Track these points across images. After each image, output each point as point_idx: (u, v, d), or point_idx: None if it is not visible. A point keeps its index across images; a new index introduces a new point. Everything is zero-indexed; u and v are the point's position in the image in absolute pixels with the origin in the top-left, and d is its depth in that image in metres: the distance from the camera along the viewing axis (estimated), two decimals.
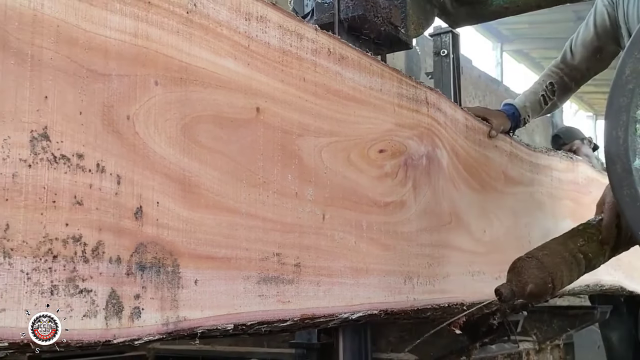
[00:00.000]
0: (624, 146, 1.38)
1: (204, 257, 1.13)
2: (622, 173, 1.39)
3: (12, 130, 0.87)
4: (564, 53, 2.54)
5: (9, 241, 0.85)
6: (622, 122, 1.38)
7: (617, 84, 1.40)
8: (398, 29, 2.01)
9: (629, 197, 1.38)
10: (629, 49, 1.40)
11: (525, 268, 1.58)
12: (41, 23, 0.92)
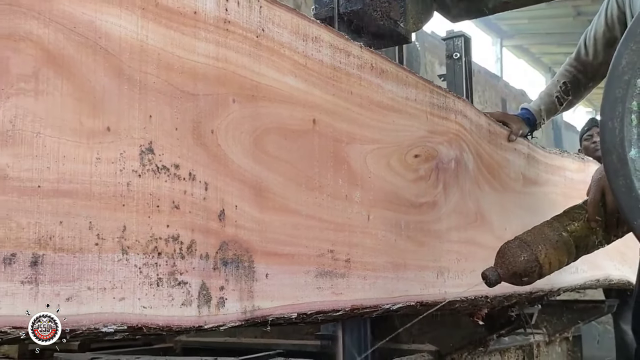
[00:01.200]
0: (620, 137, 1.38)
1: (272, 253, 1.27)
2: (617, 163, 1.39)
3: (126, 145, 1.02)
4: (578, 49, 2.56)
5: (126, 240, 1.00)
6: (618, 113, 1.38)
7: (613, 76, 1.41)
8: (397, 23, 2.03)
9: (625, 187, 1.38)
10: (625, 41, 1.40)
11: (508, 249, 1.61)
12: (146, 52, 1.06)
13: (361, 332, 2.52)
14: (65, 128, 0.94)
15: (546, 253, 1.61)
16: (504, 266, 1.58)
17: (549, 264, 1.62)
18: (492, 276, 1.58)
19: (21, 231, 0.87)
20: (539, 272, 1.60)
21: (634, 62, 1.37)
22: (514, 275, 1.58)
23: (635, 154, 1.37)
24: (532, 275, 1.61)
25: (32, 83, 0.90)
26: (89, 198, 0.96)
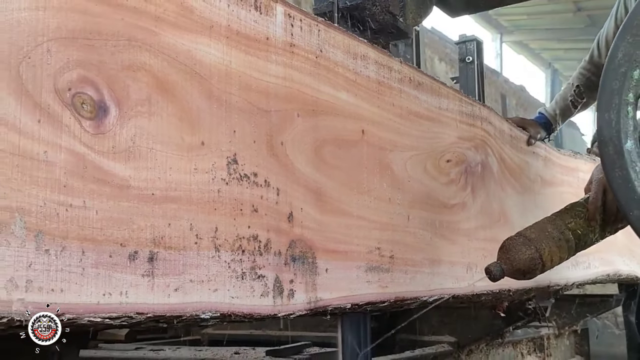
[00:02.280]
0: (616, 128, 1.38)
1: (330, 251, 1.43)
2: (614, 155, 1.39)
3: (216, 157, 1.18)
4: (591, 52, 2.59)
5: (217, 239, 1.16)
6: (614, 105, 1.39)
7: (609, 68, 1.41)
8: (396, 18, 1.99)
9: (621, 179, 1.39)
10: (621, 33, 1.41)
11: (512, 245, 1.63)
12: (230, 75, 1.22)
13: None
14: (170, 144, 1.10)
15: (549, 250, 1.65)
16: (508, 262, 1.62)
17: (550, 260, 1.66)
18: (496, 271, 1.61)
19: (140, 232, 1.03)
20: (542, 268, 1.64)
21: (631, 55, 1.38)
22: (517, 271, 1.62)
23: (631, 145, 1.38)
24: (534, 272, 1.65)
25: (146, 106, 1.06)
26: (189, 203, 1.11)
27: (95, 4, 1.00)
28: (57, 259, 0.91)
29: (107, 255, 0.98)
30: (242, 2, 1.26)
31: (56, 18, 0.94)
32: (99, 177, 0.98)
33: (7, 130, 0.87)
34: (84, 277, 0.94)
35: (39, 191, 0.90)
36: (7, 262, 0.86)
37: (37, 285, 0.89)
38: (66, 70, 0.95)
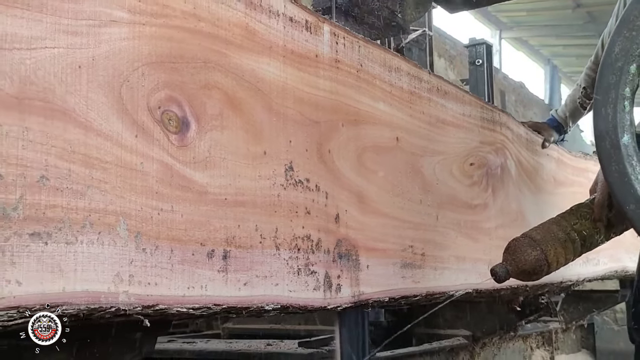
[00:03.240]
0: (613, 123, 1.38)
1: (370, 249, 1.56)
2: (610, 149, 1.39)
3: (276, 165, 1.31)
4: (596, 52, 2.62)
5: (277, 239, 1.29)
6: (611, 100, 1.39)
7: (606, 63, 1.41)
8: (395, 13, 2.01)
9: (617, 173, 1.39)
10: (618, 28, 1.41)
11: (518, 246, 1.62)
12: (286, 90, 1.35)
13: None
14: (239, 153, 1.23)
15: (555, 252, 1.64)
16: (514, 263, 1.61)
17: (556, 262, 1.65)
18: (502, 272, 1.60)
19: (216, 233, 1.16)
20: (547, 270, 1.64)
21: (627, 49, 1.38)
22: (523, 273, 1.61)
23: (627, 139, 1.38)
24: (540, 273, 1.64)
25: (219, 120, 1.19)
26: (254, 207, 1.25)
27: (178, 32, 1.13)
28: (151, 256, 1.04)
29: (190, 254, 1.11)
30: (295, 24, 1.39)
31: (148, 45, 1.07)
32: (183, 184, 1.11)
33: (112, 144, 1.00)
34: (173, 273, 1.08)
35: (137, 197, 1.03)
36: (114, 259, 0.99)
37: (137, 279, 1.02)
38: (156, 91, 1.08)
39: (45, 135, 0.92)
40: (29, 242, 0.88)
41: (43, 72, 0.92)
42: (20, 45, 0.90)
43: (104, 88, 1.00)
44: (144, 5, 1.07)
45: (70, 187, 0.94)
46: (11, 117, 0.88)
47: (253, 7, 1.28)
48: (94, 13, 1.00)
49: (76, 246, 0.94)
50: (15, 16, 0.90)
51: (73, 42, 0.96)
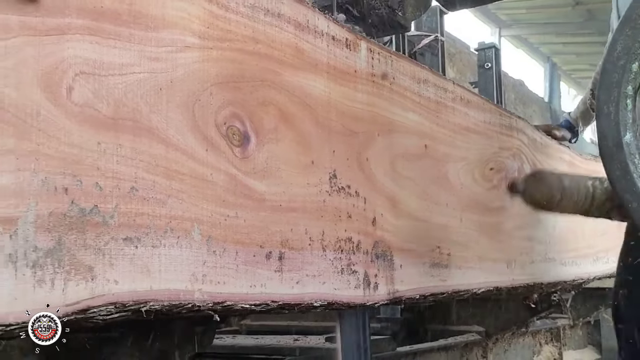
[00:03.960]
0: (615, 121, 1.38)
1: (403, 249, 1.68)
2: (612, 147, 1.39)
3: (322, 173, 1.42)
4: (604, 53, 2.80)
5: (324, 241, 1.41)
6: (614, 98, 1.39)
7: (608, 61, 1.42)
8: (395, 11, 2.02)
9: (620, 171, 1.39)
10: (620, 26, 1.41)
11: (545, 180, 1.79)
12: (330, 104, 1.47)
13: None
14: (291, 163, 1.34)
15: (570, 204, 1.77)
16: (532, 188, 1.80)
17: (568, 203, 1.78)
18: (520, 186, 1.81)
19: (273, 236, 1.28)
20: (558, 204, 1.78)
21: (629, 47, 1.38)
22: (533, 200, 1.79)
23: (630, 138, 1.38)
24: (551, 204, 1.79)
25: (274, 134, 1.31)
26: (304, 212, 1.36)
27: (239, 54, 1.24)
28: (220, 258, 1.16)
29: (252, 255, 1.23)
30: (336, 42, 1.50)
31: (215, 67, 1.19)
32: (245, 192, 1.23)
33: (187, 158, 1.12)
34: (238, 272, 1.19)
35: (208, 205, 1.15)
36: (190, 261, 1.10)
37: (209, 278, 1.14)
38: (222, 109, 1.20)
39: (135, 151, 1.03)
40: (122, 245, 1.00)
41: (132, 95, 1.04)
42: (113, 71, 1.01)
43: (180, 107, 1.12)
44: (212, 31, 1.19)
45: (154, 196, 1.05)
46: (108, 135, 1.00)
47: (301, 28, 1.40)
48: (171, 40, 1.11)
49: (160, 249, 1.06)
50: (109, 46, 1.01)
51: (155, 67, 1.08)
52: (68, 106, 0.95)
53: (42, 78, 0.92)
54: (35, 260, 0.88)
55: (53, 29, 0.94)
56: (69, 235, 0.93)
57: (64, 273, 0.92)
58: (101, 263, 0.97)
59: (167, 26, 1.11)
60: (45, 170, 0.91)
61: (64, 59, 0.95)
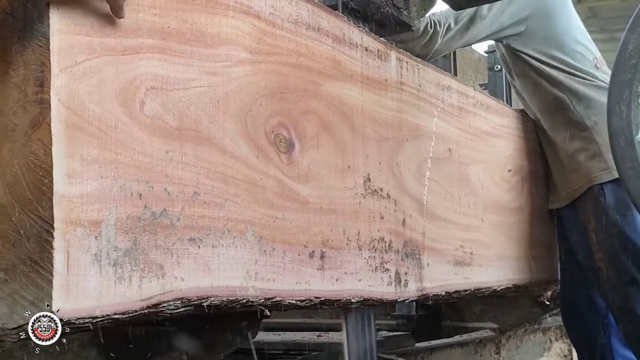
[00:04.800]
0: (627, 120, 1.39)
1: (430, 248, 1.77)
2: (625, 147, 1.40)
3: (357, 177, 1.51)
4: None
5: (360, 241, 1.50)
6: (625, 97, 1.39)
7: (620, 60, 1.42)
8: (401, 10, 2.00)
9: (632, 170, 1.40)
10: (632, 26, 1.41)
11: None
12: (364, 112, 1.56)
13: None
14: (330, 168, 1.43)
15: None
16: None
17: None
18: None
19: (315, 236, 1.37)
20: None
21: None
22: None
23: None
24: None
25: (315, 141, 1.40)
26: (342, 214, 1.45)
27: (284, 67, 1.33)
28: (270, 257, 1.25)
29: (297, 254, 1.32)
30: (369, 53, 1.59)
31: (264, 80, 1.28)
32: (291, 196, 1.32)
33: (240, 164, 1.21)
34: (285, 270, 1.28)
35: (259, 208, 1.24)
36: (244, 260, 1.20)
37: (261, 276, 1.23)
38: (270, 118, 1.29)
39: (197, 159, 1.12)
40: (187, 245, 1.09)
41: (194, 107, 1.13)
42: (178, 86, 1.11)
43: (234, 117, 1.21)
44: (260, 46, 1.28)
45: (213, 200, 1.15)
46: (174, 145, 1.09)
47: (338, 40, 1.49)
48: (227, 56, 1.20)
49: (219, 249, 1.15)
50: (175, 63, 1.10)
51: (213, 80, 1.17)
52: (141, 118, 1.04)
53: (119, 94, 1.01)
54: (115, 259, 0.98)
55: (128, 48, 1.03)
56: (143, 236, 1.02)
57: (139, 271, 1.01)
58: (170, 262, 1.06)
59: (222, 43, 1.20)
60: (123, 177, 1.00)
61: (137, 75, 1.04)
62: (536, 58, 2.40)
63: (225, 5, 1.21)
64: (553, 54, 2.40)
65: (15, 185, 0.94)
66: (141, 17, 1.05)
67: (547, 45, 2.41)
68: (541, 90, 2.43)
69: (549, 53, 2.40)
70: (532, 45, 2.40)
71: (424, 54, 2.29)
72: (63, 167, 0.92)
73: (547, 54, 2.40)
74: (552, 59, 2.39)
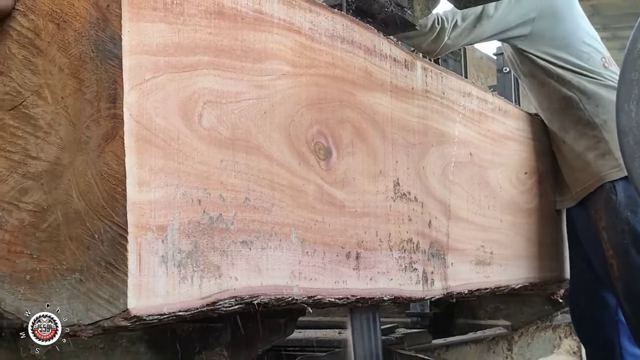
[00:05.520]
0: (636, 119, 1.39)
1: (454, 249, 1.85)
2: (634, 145, 1.40)
3: (388, 181, 1.60)
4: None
5: (390, 242, 1.58)
6: (634, 96, 1.39)
7: (628, 59, 1.42)
8: (404, 9, 1.99)
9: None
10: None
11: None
12: (393, 120, 1.64)
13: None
14: (364, 174, 1.52)
15: None
16: None
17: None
18: None
19: (351, 238, 1.45)
20: None
21: None
22: None
23: None
24: None
25: (350, 148, 1.48)
26: (375, 216, 1.54)
27: (322, 79, 1.42)
28: (312, 258, 1.34)
29: (335, 255, 1.40)
30: (397, 63, 1.68)
31: (304, 91, 1.36)
32: (329, 200, 1.40)
33: (285, 171, 1.29)
34: (325, 270, 1.37)
35: (301, 212, 1.32)
36: (289, 261, 1.28)
37: (304, 275, 1.31)
38: (310, 127, 1.37)
39: (247, 167, 1.21)
40: (240, 248, 1.18)
41: (244, 119, 1.21)
42: (230, 99, 1.19)
43: (279, 127, 1.29)
44: (301, 59, 1.36)
45: (262, 205, 1.23)
46: (227, 154, 1.17)
47: (369, 52, 1.57)
48: (272, 70, 1.29)
49: (267, 251, 1.23)
50: (227, 77, 1.19)
51: (260, 93, 1.25)
52: (199, 130, 1.12)
53: (180, 108, 1.09)
54: (179, 261, 1.06)
55: (188, 66, 1.11)
56: (202, 239, 1.10)
57: (200, 271, 1.09)
58: (225, 263, 1.14)
59: (268, 57, 1.28)
60: (185, 185, 1.08)
61: (196, 90, 1.12)
62: (543, 58, 2.42)
63: (270, 23, 1.29)
64: (560, 55, 2.42)
65: (88, 193, 1.02)
66: (198, 36, 1.13)
67: (554, 46, 2.43)
68: (549, 89, 2.45)
69: (556, 54, 2.42)
70: (538, 47, 2.42)
71: (431, 50, 2.34)
72: (134, 176, 1.00)
73: (555, 55, 2.42)
74: (560, 60, 2.41)
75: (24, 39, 1.10)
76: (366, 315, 2.31)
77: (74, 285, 1.03)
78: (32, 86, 1.09)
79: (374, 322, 2.37)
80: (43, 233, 1.07)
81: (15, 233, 1.10)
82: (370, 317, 2.43)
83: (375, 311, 2.38)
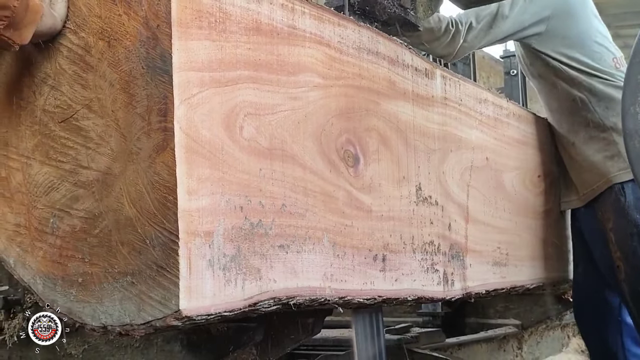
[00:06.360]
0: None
1: (472, 250, 1.92)
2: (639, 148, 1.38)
3: (411, 186, 1.66)
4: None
5: (414, 244, 1.65)
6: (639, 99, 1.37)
7: (634, 61, 1.43)
8: (407, 10, 1.99)
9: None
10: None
11: None
12: (414, 126, 1.71)
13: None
14: (388, 179, 1.58)
15: None
16: None
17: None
18: None
19: (377, 241, 1.52)
20: None
21: None
22: None
23: None
24: None
25: (376, 155, 1.55)
26: (399, 220, 1.60)
27: (350, 89, 1.48)
28: (342, 260, 1.40)
29: (363, 257, 1.47)
30: (418, 72, 1.74)
31: (334, 102, 1.43)
32: (357, 205, 1.47)
33: (317, 178, 1.36)
34: (354, 272, 1.43)
35: (332, 217, 1.39)
36: (322, 263, 1.34)
37: (335, 277, 1.38)
38: (339, 136, 1.44)
39: (283, 174, 1.27)
40: (278, 251, 1.24)
41: (280, 129, 1.28)
42: (268, 111, 1.26)
43: (311, 137, 1.36)
44: (331, 71, 1.43)
45: (297, 211, 1.30)
46: (266, 163, 1.24)
47: (393, 62, 1.64)
48: (305, 82, 1.35)
49: (302, 254, 1.30)
50: (265, 90, 1.25)
51: (294, 105, 1.32)
52: (240, 141, 1.19)
53: (223, 120, 1.16)
54: (224, 264, 1.13)
55: (230, 80, 1.18)
56: (244, 244, 1.17)
57: (242, 274, 1.16)
58: (265, 266, 1.21)
59: (301, 70, 1.35)
60: (228, 193, 1.15)
61: (237, 103, 1.19)
62: (555, 58, 2.44)
63: (302, 37, 1.36)
64: (572, 54, 2.43)
65: (139, 201, 1.09)
66: (239, 52, 1.20)
67: (567, 45, 2.44)
68: (560, 91, 2.46)
69: (568, 54, 2.43)
70: (551, 46, 2.44)
71: (447, 53, 2.36)
72: (184, 185, 1.07)
73: (567, 55, 2.43)
74: (572, 60, 2.42)
75: (74, 55, 1.17)
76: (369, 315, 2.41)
77: (126, 287, 1.10)
78: (82, 100, 1.16)
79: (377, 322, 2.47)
80: (95, 238, 1.14)
81: (66, 238, 1.17)
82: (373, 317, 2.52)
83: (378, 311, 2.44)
